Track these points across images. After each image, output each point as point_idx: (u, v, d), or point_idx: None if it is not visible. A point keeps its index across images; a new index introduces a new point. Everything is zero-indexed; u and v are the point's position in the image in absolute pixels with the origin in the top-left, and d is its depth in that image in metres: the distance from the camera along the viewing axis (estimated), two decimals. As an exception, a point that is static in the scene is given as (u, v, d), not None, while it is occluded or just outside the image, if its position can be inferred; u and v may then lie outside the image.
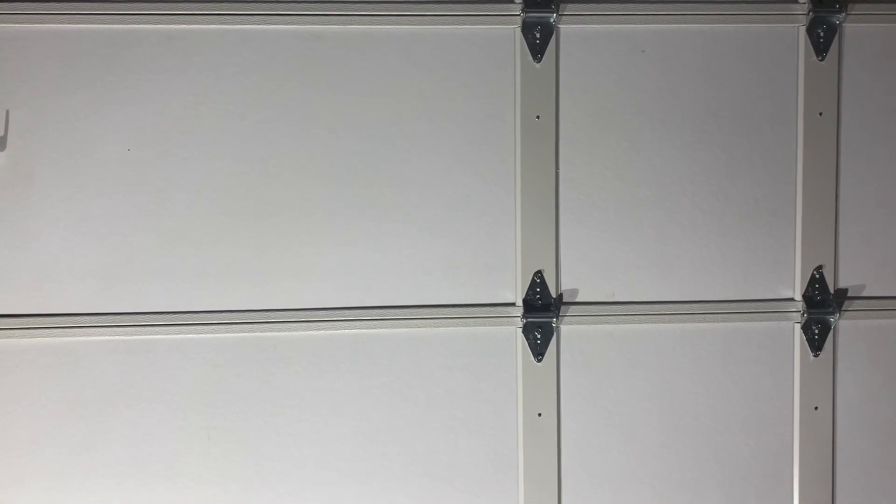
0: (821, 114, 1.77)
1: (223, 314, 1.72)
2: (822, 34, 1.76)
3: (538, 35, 1.72)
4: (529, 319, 1.75)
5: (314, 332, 1.74)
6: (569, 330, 1.77)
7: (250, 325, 1.72)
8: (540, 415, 1.77)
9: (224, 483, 1.74)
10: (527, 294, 1.76)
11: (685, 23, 1.76)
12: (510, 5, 1.72)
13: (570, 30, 1.74)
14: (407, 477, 1.77)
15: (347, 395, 1.75)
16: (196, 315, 1.72)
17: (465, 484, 1.77)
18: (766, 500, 1.82)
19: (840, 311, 1.79)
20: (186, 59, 1.69)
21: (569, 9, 1.73)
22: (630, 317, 1.77)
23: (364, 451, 1.76)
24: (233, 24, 1.69)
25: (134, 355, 1.72)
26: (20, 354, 1.70)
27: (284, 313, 1.73)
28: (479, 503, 1.77)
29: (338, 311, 1.74)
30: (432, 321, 1.75)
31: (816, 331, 1.79)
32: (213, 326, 1.72)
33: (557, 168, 1.75)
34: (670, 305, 1.78)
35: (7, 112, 1.67)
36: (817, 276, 1.79)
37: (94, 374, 1.71)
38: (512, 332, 1.76)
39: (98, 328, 1.70)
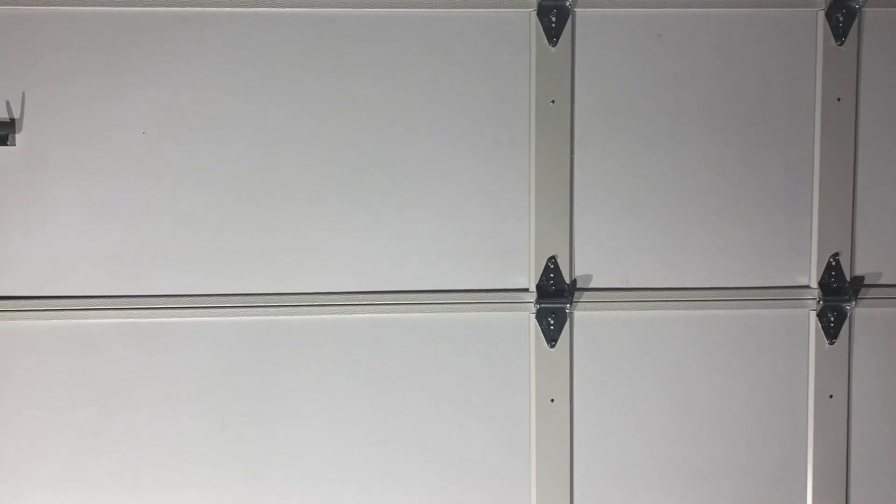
0: (839, 99, 1.76)
1: (236, 298, 1.72)
2: (841, 18, 1.74)
3: (554, 19, 1.71)
4: (543, 305, 1.74)
5: (327, 317, 1.74)
6: (582, 316, 1.77)
7: (263, 309, 1.72)
8: (553, 400, 1.77)
9: (236, 466, 1.75)
10: (540, 280, 1.75)
11: (701, 6, 1.74)
12: (526, -11, 1.71)
13: (586, 13, 1.73)
14: (419, 462, 1.76)
15: (360, 380, 1.75)
16: (209, 298, 1.72)
17: (477, 469, 1.77)
18: (779, 488, 1.81)
19: (856, 298, 1.77)
20: (199, 43, 1.69)
21: (585, -8, 1.73)
22: (644, 303, 1.77)
23: (377, 435, 1.76)
24: (245, 6, 1.69)
25: (147, 338, 1.72)
26: (33, 336, 1.71)
27: (297, 297, 1.73)
28: (492, 488, 1.77)
29: (351, 296, 1.73)
30: (445, 306, 1.75)
31: (832, 318, 1.78)
32: (226, 310, 1.72)
33: (572, 153, 1.74)
34: (685, 292, 1.77)
35: (23, 94, 1.67)
36: (833, 263, 1.77)
37: (106, 357, 1.72)
38: (525, 318, 1.76)
39: (111, 311, 1.71)
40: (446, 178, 1.73)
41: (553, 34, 1.71)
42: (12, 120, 1.67)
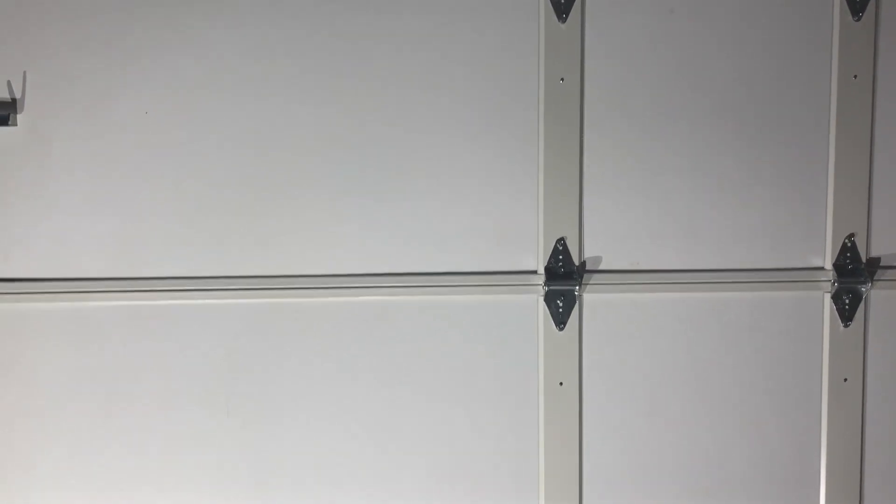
0: (855, 77, 1.71)
1: (243, 280, 1.70)
2: (858, -7, 1.70)
3: (563, -6, 1.67)
4: (551, 287, 1.71)
5: (334, 300, 1.71)
6: (592, 298, 1.74)
7: (270, 292, 1.70)
8: (561, 384, 1.74)
9: (243, 450, 1.73)
10: (549, 262, 1.72)
11: (715, -18, 1.70)
12: (534, -36, 1.68)
13: (596, -11, 1.69)
14: (426, 446, 1.75)
15: (368, 363, 1.73)
16: (215, 281, 1.70)
17: (484, 452, 1.75)
18: (792, 472, 1.78)
19: (872, 280, 1.74)
20: (204, 19, 1.66)
21: (595, -33, 1.68)
22: (655, 285, 1.73)
23: (384, 420, 1.74)
24: (250, -17, 1.66)
25: (153, 321, 1.71)
26: (39, 319, 1.70)
27: (304, 280, 1.71)
28: (499, 472, 1.76)
29: (358, 279, 1.71)
30: (453, 289, 1.72)
31: (847, 301, 1.74)
32: (233, 293, 1.70)
33: (582, 132, 1.71)
34: (696, 274, 1.74)
35: (24, 73, 1.65)
36: (849, 244, 1.73)
37: (113, 340, 1.71)
38: (534, 301, 1.73)
39: (117, 293, 1.69)
40: (452, 159, 1.70)
41: (562, 9, 1.67)
42: (13, 100, 1.65)
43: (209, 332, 1.71)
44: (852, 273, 1.73)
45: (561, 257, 1.72)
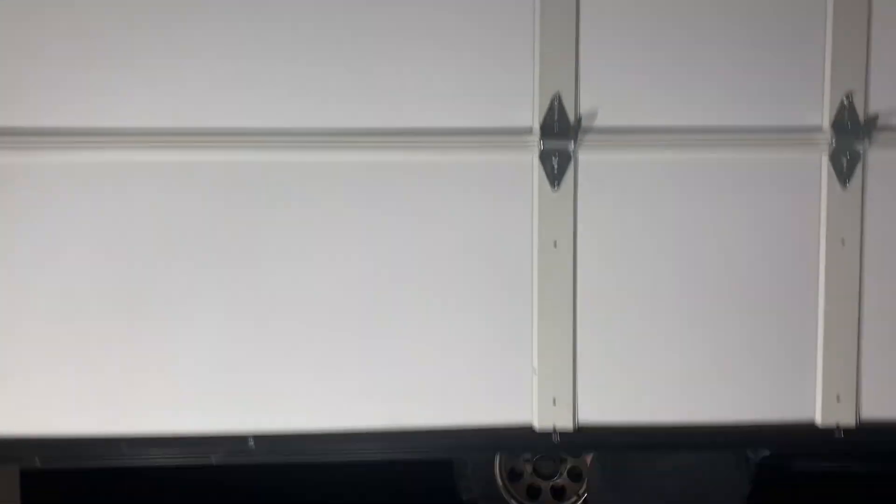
0: (854, -68, 1.70)
1: (232, 136, 1.67)
2: None
3: None
4: (546, 146, 1.69)
5: (329, 157, 1.69)
6: (587, 158, 1.71)
7: (259, 147, 1.67)
8: (556, 243, 1.72)
9: (239, 308, 1.71)
10: (544, 119, 1.70)
11: None
12: None
13: None
14: (422, 302, 1.72)
15: (364, 222, 1.71)
16: (204, 136, 1.67)
17: (478, 311, 1.73)
18: (790, 334, 1.75)
19: (870, 139, 1.71)
20: None
21: None
22: (651, 145, 1.71)
23: (381, 276, 1.72)
24: None
25: (144, 174, 1.68)
26: (30, 171, 1.67)
27: (295, 135, 1.68)
28: (494, 329, 1.73)
29: (352, 136, 1.68)
30: (448, 147, 1.70)
31: (845, 161, 1.72)
32: (222, 147, 1.67)
33: (578, -15, 1.69)
34: (693, 134, 1.72)
35: (14, -86, 1.63)
36: (846, 103, 1.71)
37: (101, 195, 1.68)
38: (528, 160, 1.71)
39: (106, 146, 1.66)
40: (449, 11, 1.68)
41: None
42: (4, -57, 1.63)
43: (201, 186, 1.68)
44: (851, 132, 1.71)
45: (556, 114, 1.70)
